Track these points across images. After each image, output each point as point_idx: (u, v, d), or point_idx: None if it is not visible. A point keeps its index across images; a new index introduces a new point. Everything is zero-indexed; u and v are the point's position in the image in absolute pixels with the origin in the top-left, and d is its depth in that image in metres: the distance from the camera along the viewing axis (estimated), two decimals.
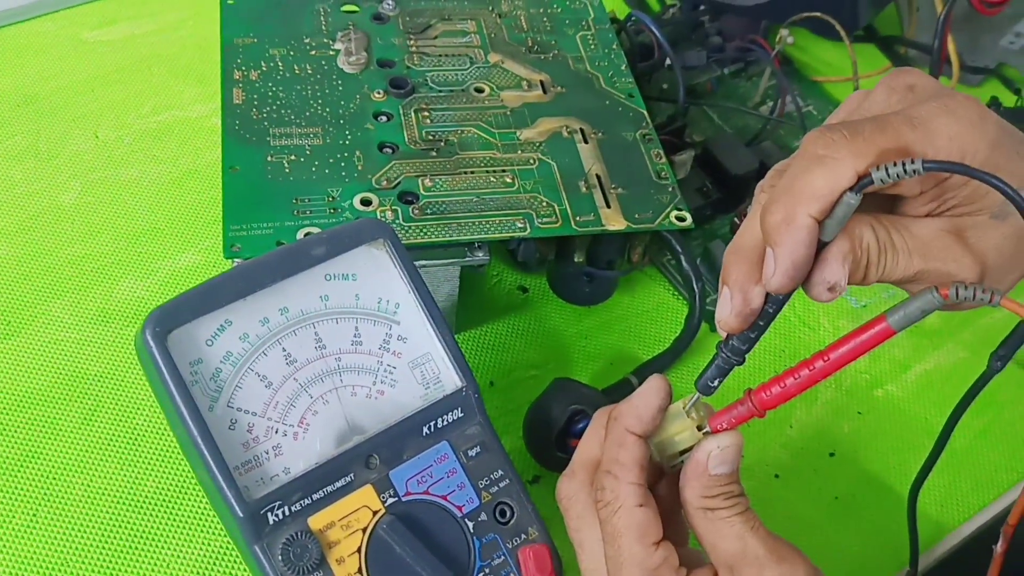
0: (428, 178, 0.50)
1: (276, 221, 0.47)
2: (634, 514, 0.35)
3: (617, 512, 0.36)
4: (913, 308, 0.32)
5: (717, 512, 0.35)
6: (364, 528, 0.38)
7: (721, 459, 0.35)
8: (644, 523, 0.35)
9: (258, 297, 0.39)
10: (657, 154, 0.54)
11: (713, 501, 0.35)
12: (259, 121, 0.52)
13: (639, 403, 0.37)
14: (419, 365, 0.42)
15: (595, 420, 0.39)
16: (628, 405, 0.37)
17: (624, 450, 0.36)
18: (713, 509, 0.35)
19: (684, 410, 0.37)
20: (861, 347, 0.33)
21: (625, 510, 0.35)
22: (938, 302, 0.31)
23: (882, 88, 0.35)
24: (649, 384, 0.37)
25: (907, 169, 0.30)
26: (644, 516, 0.35)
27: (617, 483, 0.36)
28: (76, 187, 0.59)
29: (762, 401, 0.35)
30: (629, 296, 0.58)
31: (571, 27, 0.61)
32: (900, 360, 0.57)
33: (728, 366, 0.36)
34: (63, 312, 0.53)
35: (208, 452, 0.37)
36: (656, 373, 0.37)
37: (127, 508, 0.46)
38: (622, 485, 0.36)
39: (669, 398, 0.37)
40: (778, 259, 0.32)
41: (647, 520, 0.35)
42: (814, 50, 0.74)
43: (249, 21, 0.57)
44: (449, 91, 0.55)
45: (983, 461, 0.53)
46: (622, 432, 0.37)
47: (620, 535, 0.35)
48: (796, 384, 0.34)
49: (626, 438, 0.37)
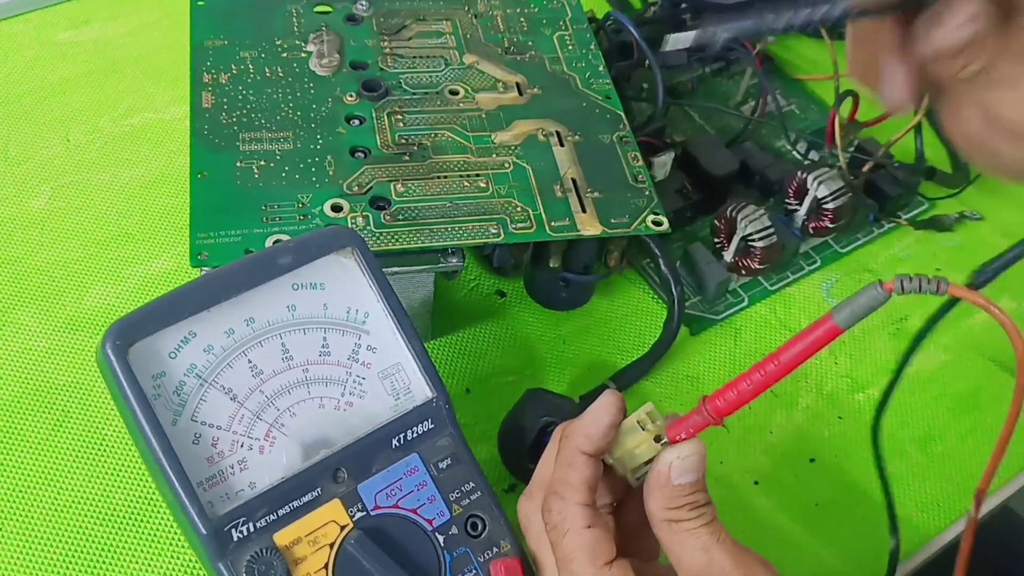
0: (400, 183, 0.49)
1: (245, 228, 0.46)
2: (582, 536, 0.35)
3: (566, 535, 0.35)
4: (859, 304, 0.32)
5: (682, 524, 0.35)
6: (331, 543, 0.37)
7: (683, 468, 0.35)
8: (593, 544, 0.35)
9: (223, 308, 0.38)
10: (634, 157, 0.54)
11: (678, 512, 0.35)
12: (229, 125, 0.51)
13: (588, 421, 0.36)
14: (389, 375, 0.41)
15: (554, 437, 0.39)
16: (578, 424, 0.36)
17: (572, 470, 0.36)
18: (678, 521, 0.35)
19: (637, 423, 0.36)
20: (811, 347, 0.33)
21: (573, 532, 0.35)
22: (883, 296, 0.31)
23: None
24: (600, 401, 0.36)
25: None
26: (593, 537, 0.35)
27: (565, 505, 0.35)
28: (46, 192, 0.58)
29: (717, 408, 0.35)
30: (608, 300, 0.57)
31: (548, 27, 0.60)
32: (881, 364, 0.56)
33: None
34: (31, 320, 0.52)
35: (170, 468, 0.36)
36: (608, 388, 0.37)
37: (95, 520, 0.46)
38: (569, 506, 0.35)
39: (622, 414, 0.36)
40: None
41: (596, 541, 0.35)
42: (796, 47, 0.74)
43: (219, 22, 0.56)
44: (423, 93, 0.54)
45: (966, 465, 0.53)
46: (572, 452, 0.36)
47: (571, 559, 0.35)
48: (750, 389, 0.34)
49: (576, 458, 0.36)
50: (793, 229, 0.61)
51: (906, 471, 0.52)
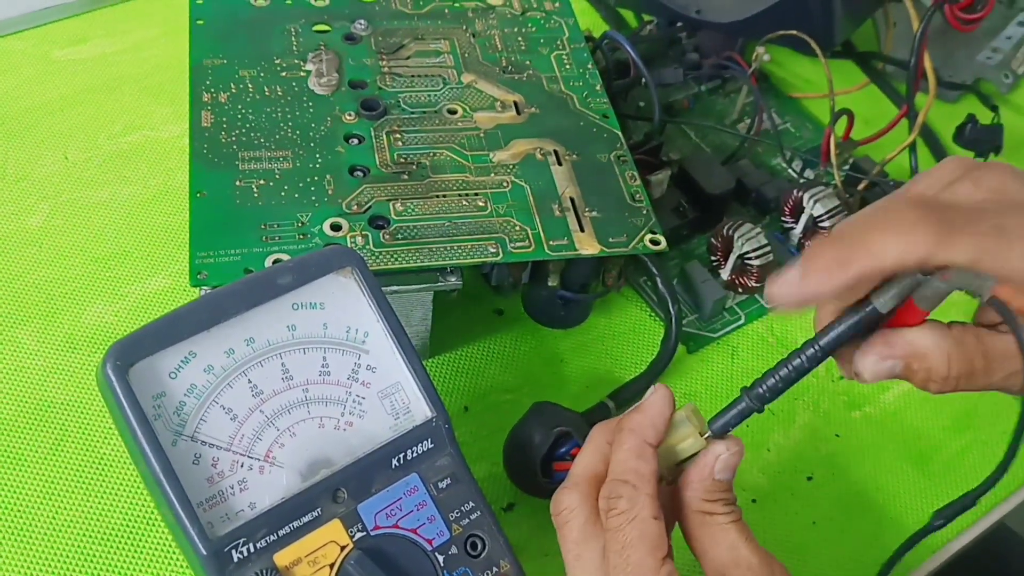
0: (399, 202, 0.50)
1: (244, 247, 0.46)
2: (649, 525, 0.35)
3: (632, 522, 0.35)
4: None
5: (715, 517, 0.36)
6: (332, 564, 0.37)
7: (726, 464, 0.36)
8: (656, 536, 0.35)
9: (223, 328, 0.38)
10: (632, 176, 0.54)
11: (713, 505, 0.36)
12: (228, 144, 0.51)
13: (654, 413, 0.37)
14: (388, 395, 0.41)
15: (595, 434, 0.39)
16: (643, 416, 0.37)
17: (643, 462, 0.36)
18: (712, 514, 0.36)
19: (687, 417, 0.37)
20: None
21: (640, 520, 0.35)
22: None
23: (968, 182, 0.33)
24: (657, 394, 0.37)
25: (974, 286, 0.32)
26: (658, 529, 0.35)
27: (636, 493, 0.36)
28: (44, 209, 0.58)
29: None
30: (605, 318, 0.57)
31: (545, 46, 0.61)
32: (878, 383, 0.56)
33: (749, 412, 0.36)
34: (29, 338, 0.52)
35: (171, 488, 0.36)
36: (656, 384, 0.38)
37: (94, 539, 0.46)
38: (641, 496, 0.36)
39: (674, 407, 0.37)
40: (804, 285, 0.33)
41: (660, 534, 0.35)
42: (791, 66, 0.74)
43: (218, 41, 0.56)
44: (421, 112, 0.55)
45: (963, 480, 0.53)
46: (640, 444, 0.37)
47: (632, 546, 0.35)
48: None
49: (645, 449, 0.36)
50: (789, 247, 0.61)
51: (904, 488, 0.52)
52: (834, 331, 0.35)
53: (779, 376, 0.36)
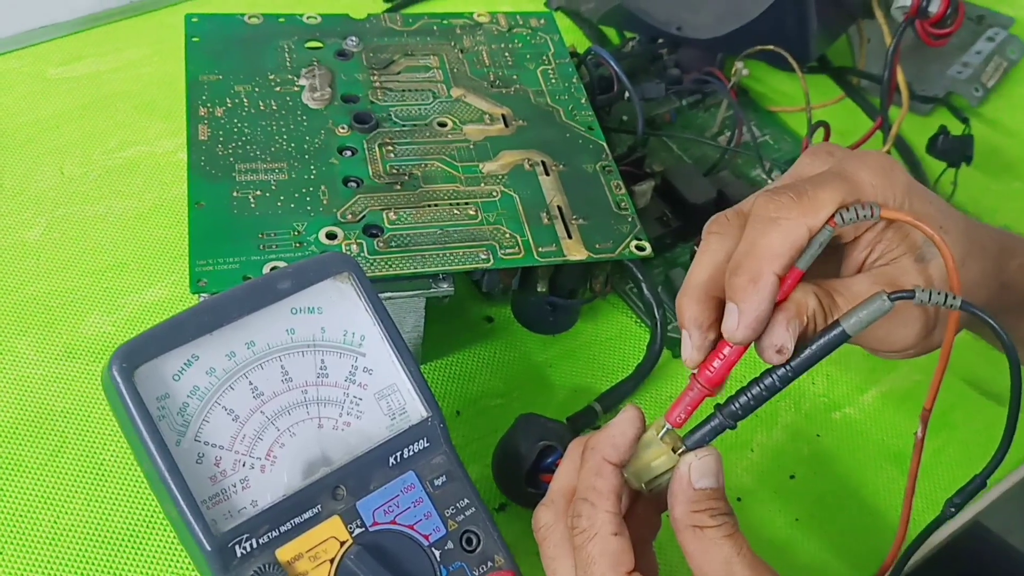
0: (393, 211, 0.51)
1: (242, 256, 0.48)
2: (609, 542, 0.36)
3: (592, 539, 0.36)
4: (812, 249, 0.35)
5: (706, 531, 0.35)
6: (332, 559, 0.39)
7: (701, 470, 0.36)
8: (618, 551, 0.36)
9: (224, 331, 0.40)
10: (617, 185, 0.56)
11: (700, 516, 0.36)
12: (224, 157, 0.52)
13: (615, 433, 0.38)
14: (385, 396, 0.42)
15: (570, 450, 0.40)
16: (605, 435, 0.38)
17: (601, 479, 0.37)
18: (701, 527, 0.35)
19: (658, 436, 0.38)
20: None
21: (600, 538, 0.36)
22: (828, 233, 0.35)
23: (806, 156, 0.40)
24: (624, 415, 0.38)
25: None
26: (619, 544, 0.36)
27: (594, 510, 0.37)
28: (41, 223, 0.59)
29: (708, 378, 0.37)
30: (592, 324, 0.59)
31: (532, 62, 0.62)
32: (857, 383, 0.58)
33: (722, 429, 0.37)
34: (29, 349, 0.53)
35: (176, 487, 0.37)
36: (628, 403, 0.39)
37: (94, 544, 0.46)
38: (598, 512, 0.37)
39: (643, 427, 0.38)
40: (743, 314, 0.35)
41: (621, 549, 0.36)
42: (769, 81, 0.76)
43: (214, 58, 0.58)
44: (412, 125, 0.56)
45: (938, 481, 0.55)
46: (599, 461, 0.38)
47: (594, 562, 0.36)
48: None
49: (603, 467, 0.37)
50: None
51: (883, 486, 0.54)
52: (805, 352, 0.36)
53: (751, 394, 0.37)
